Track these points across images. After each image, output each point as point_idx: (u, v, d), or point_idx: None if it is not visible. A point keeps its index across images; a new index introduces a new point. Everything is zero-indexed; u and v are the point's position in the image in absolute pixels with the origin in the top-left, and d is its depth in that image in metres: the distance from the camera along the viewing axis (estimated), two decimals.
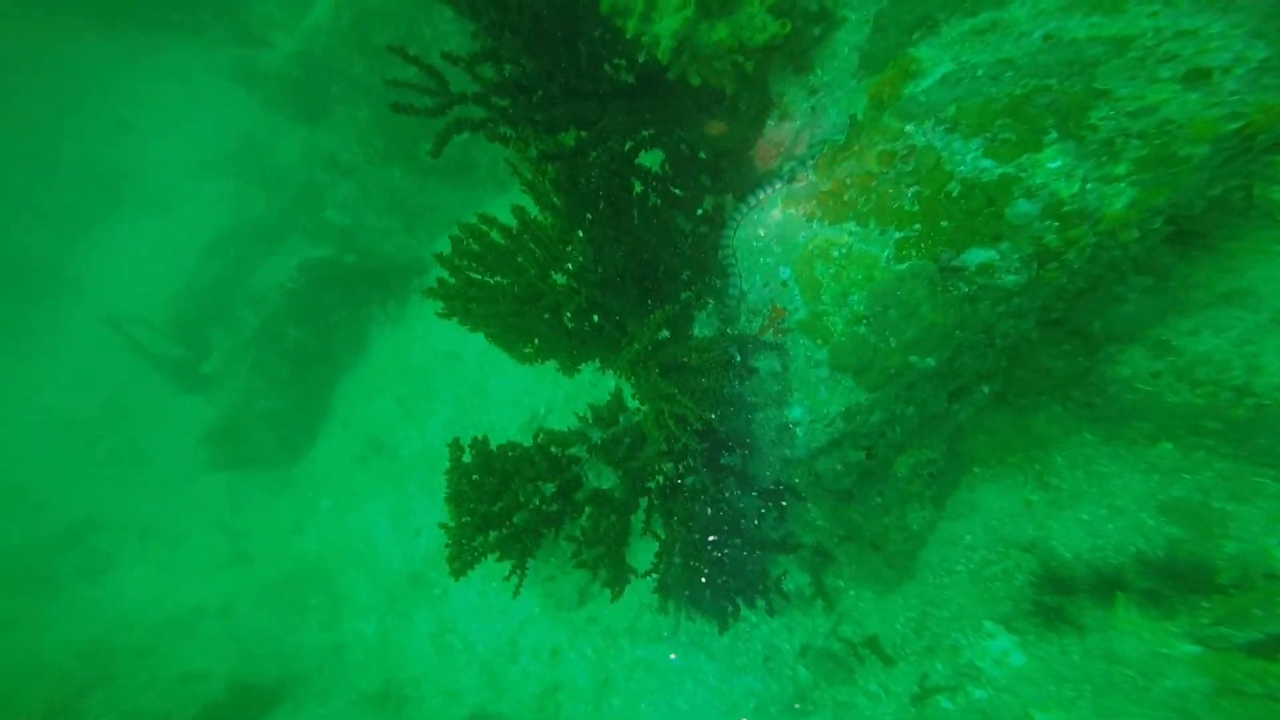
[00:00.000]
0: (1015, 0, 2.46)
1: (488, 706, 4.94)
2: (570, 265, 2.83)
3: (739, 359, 2.83)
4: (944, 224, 2.21)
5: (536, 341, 3.02)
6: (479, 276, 2.78)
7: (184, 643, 7.60)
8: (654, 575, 2.82)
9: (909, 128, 2.37)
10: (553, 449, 2.63)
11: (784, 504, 2.77)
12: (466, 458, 2.50)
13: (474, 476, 2.43)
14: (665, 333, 3.21)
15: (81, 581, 9.46)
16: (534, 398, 6.08)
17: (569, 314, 2.90)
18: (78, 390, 13.07)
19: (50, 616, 9.05)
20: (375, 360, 8.56)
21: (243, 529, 8.47)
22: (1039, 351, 2.66)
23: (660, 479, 2.70)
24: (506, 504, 2.45)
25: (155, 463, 10.61)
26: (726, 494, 2.77)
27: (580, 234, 2.88)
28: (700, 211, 3.45)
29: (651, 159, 3.44)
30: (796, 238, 2.65)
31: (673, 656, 4.12)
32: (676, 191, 3.47)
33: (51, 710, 7.44)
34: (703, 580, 2.91)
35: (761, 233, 2.84)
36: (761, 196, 2.90)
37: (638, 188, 3.27)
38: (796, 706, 3.38)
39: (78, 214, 15.96)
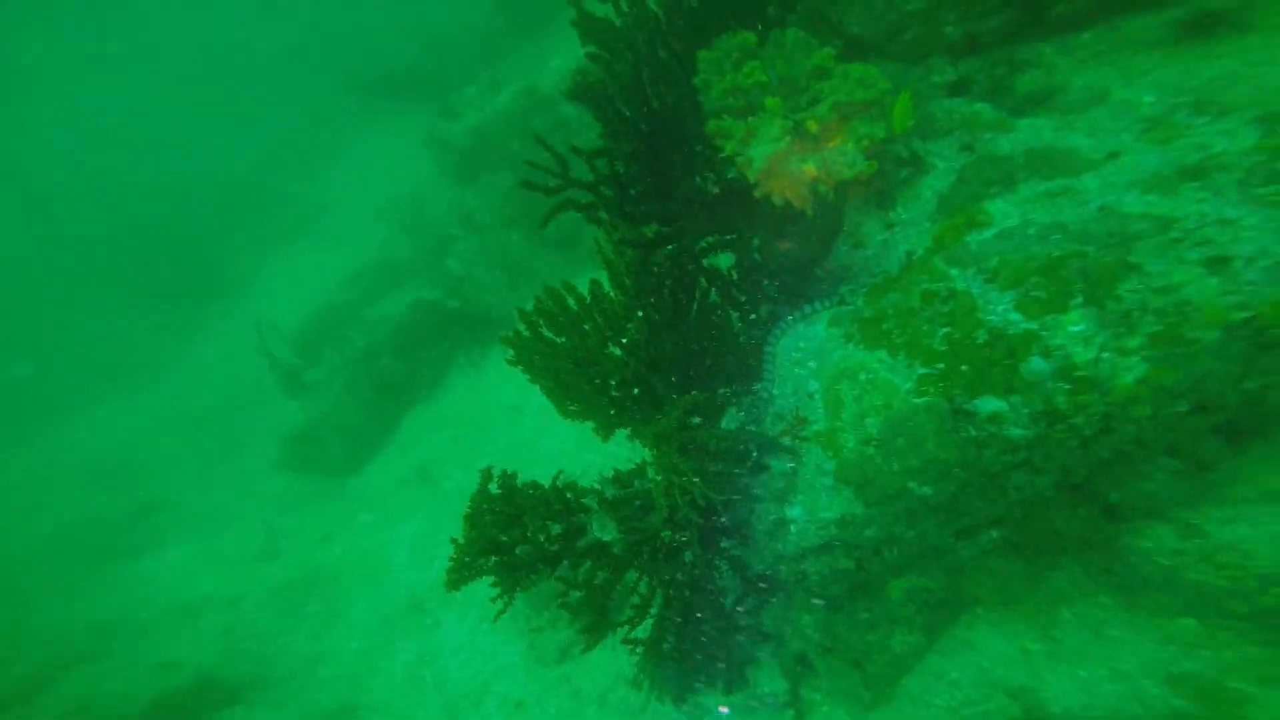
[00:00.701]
0: (1091, 171, 2.72)
1: None
2: (626, 340, 3.21)
3: (755, 455, 3.00)
4: (964, 368, 2.37)
5: (582, 402, 3.37)
6: (549, 334, 3.22)
7: (179, 629, 7.96)
8: (628, 628, 2.91)
9: (954, 271, 2.61)
10: (568, 495, 2.87)
11: (764, 589, 2.82)
12: (493, 486, 2.80)
13: (494, 504, 2.71)
14: (696, 419, 3.46)
15: (128, 557, 10.26)
16: (576, 461, 6.35)
17: (614, 382, 3.24)
18: (211, 382, 14.98)
19: (88, 586, 9.81)
20: (447, 398, 9.27)
21: (282, 529, 9.03)
22: (1054, 510, 2.65)
23: (657, 544, 2.85)
24: (514, 534, 2.69)
25: (240, 456, 11.62)
26: (715, 572, 2.86)
27: (640, 314, 3.27)
28: (754, 316, 3.78)
29: (724, 261, 3.87)
30: (831, 356, 2.88)
31: None
32: (739, 295, 3.83)
33: (30, 681, 7.74)
34: (675, 651, 2.94)
35: (802, 345, 3.10)
36: (809, 312, 3.19)
37: (703, 284, 3.68)
38: None
39: (275, 238, 18.95)
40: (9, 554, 11.60)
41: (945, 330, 2.48)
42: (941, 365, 2.44)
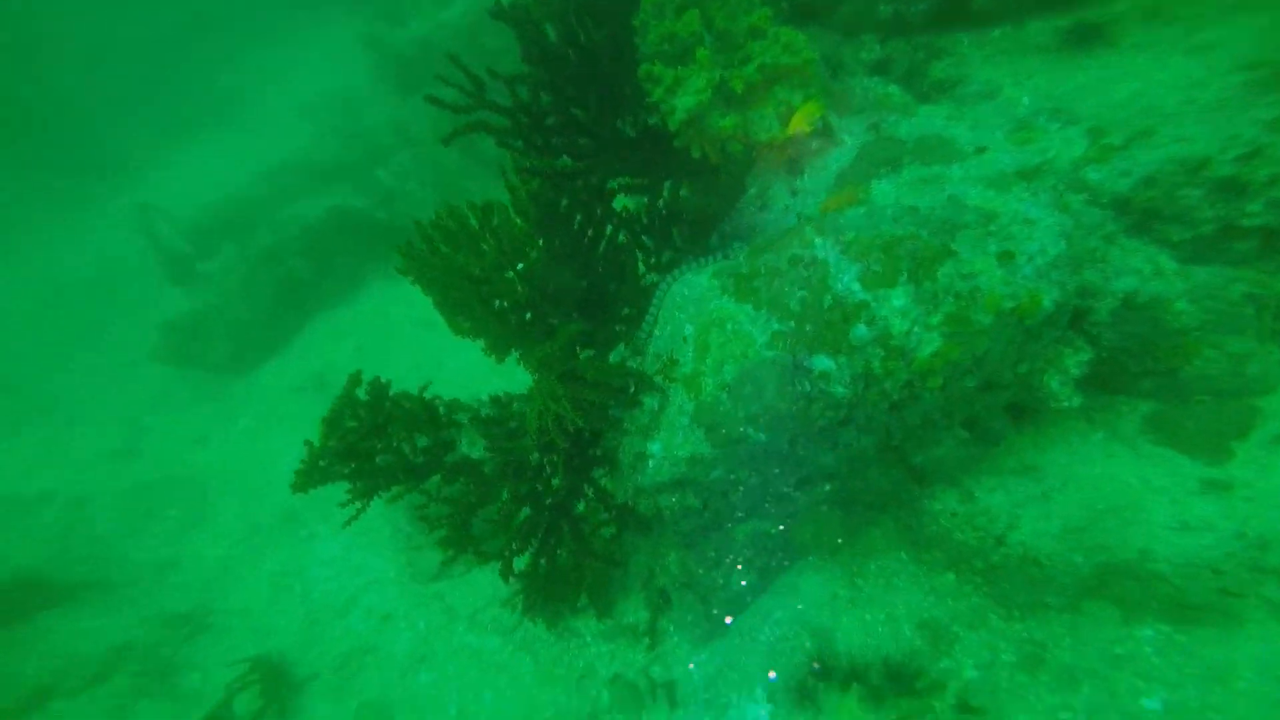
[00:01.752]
0: (959, 162, 3.03)
1: (286, 651, 5.03)
2: (523, 266, 3.38)
3: (633, 389, 3.30)
4: (808, 328, 2.70)
5: (474, 320, 3.54)
6: (445, 249, 3.34)
7: (6, 526, 7.54)
8: (496, 554, 3.21)
9: (818, 241, 2.89)
10: (440, 409, 3.08)
11: (624, 520, 3.18)
12: (360, 392, 2.96)
13: (358, 410, 2.88)
14: (588, 353, 3.71)
15: None
16: (483, 384, 6.50)
17: (507, 304, 3.42)
18: (83, 261, 13.85)
19: None
20: (356, 308, 9.06)
21: (149, 426, 8.67)
22: (873, 468, 3.10)
23: (524, 465, 3.13)
24: (377, 443, 2.89)
25: (106, 342, 10.99)
26: (580, 498, 3.18)
27: (540, 243, 3.44)
28: (656, 261, 4.02)
29: (638, 205, 4.05)
30: (708, 304, 3.15)
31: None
32: (646, 239, 4.04)
33: None
34: (546, 573, 3.28)
35: (687, 292, 3.36)
36: (701, 263, 3.45)
37: (610, 224, 3.86)
38: None
39: (180, 124, 17.40)
40: None
41: (802, 293, 2.78)
42: (792, 323, 2.74)
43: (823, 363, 2.61)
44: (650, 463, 3.03)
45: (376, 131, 11.76)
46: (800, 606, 3.50)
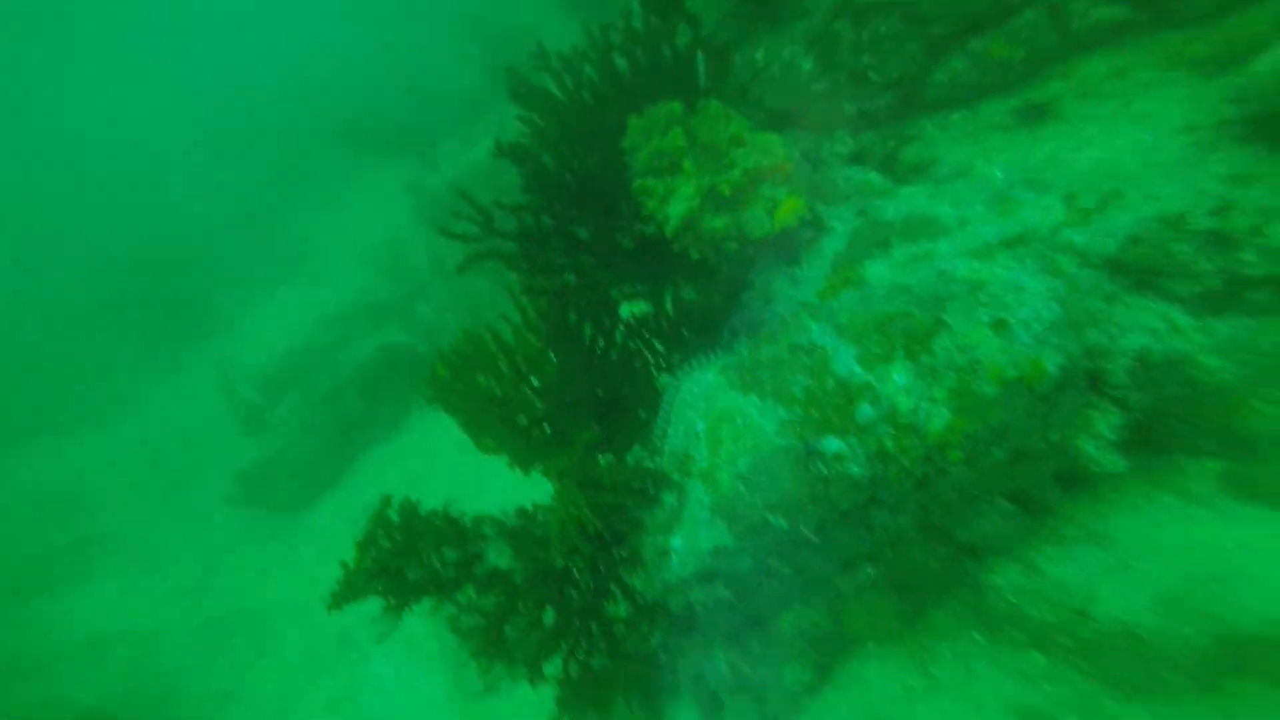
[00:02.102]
0: (946, 236, 3.09)
1: None
2: (537, 381, 3.51)
3: (652, 490, 3.26)
4: (814, 413, 2.67)
5: (498, 439, 3.63)
6: (466, 373, 3.51)
7: (79, 667, 7.79)
8: (528, 653, 3.07)
9: (814, 326, 2.94)
10: (467, 523, 3.10)
11: (655, 618, 3.02)
12: (392, 513, 3.03)
13: (390, 530, 2.93)
14: (608, 458, 3.72)
15: (45, 593, 10.12)
16: (525, 500, 6.52)
17: (526, 421, 3.51)
18: (175, 420, 15.08)
19: (7, 619, 9.74)
20: (404, 438, 9.45)
21: (220, 564, 9.03)
22: (916, 547, 2.90)
23: (550, 571, 3.06)
24: (407, 559, 2.90)
25: (189, 492, 11.67)
26: (609, 599, 3.06)
27: (553, 357, 3.57)
28: (666, 362, 4.09)
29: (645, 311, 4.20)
30: (717, 400, 3.17)
31: None
32: (656, 343, 4.15)
33: None
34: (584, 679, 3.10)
35: (696, 390, 3.39)
36: (706, 360, 3.50)
37: (621, 332, 4.00)
38: None
39: (262, 279, 19.39)
40: None
41: (805, 380, 2.78)
42: (799, 410, 2.72)
43: (833, 444, 2.55)
44: (674, 557, 2.94)
45: (418, 271, 12.76)
46: (870, 699, 3.18)
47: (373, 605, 3.13)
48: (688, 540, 2.91)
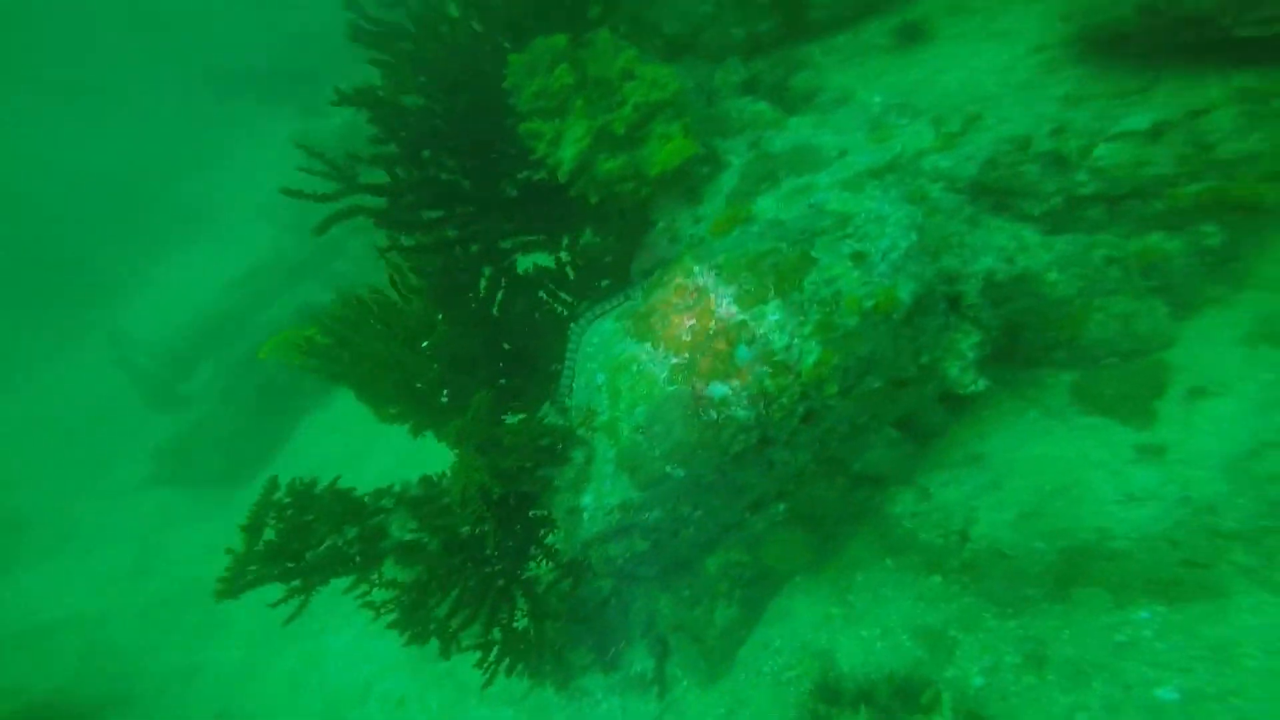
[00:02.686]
0: (826, 168, 2.97)
1: None
2: (427, 344, 3.28)
3: (561, 448, 3.17)
4: (700, 357, 2.59)
5: (397, 404, 3.42)
6: (353, 338, 3.24)
7: (26, 655, 7.53)
8: (448, 630, 3.03)
9: (697, 268, 2.82)
10: (362, 497, 2.95)
11: (576, 577, 3.02)
12: (280, 495, 2.83)
13: (281, 511, 2.75)
14: (517, 416, 3.58)
15: None
16: None
17: (420, 384, 3.31)
18: (80, 393, 13.85)
19: None
20: (339, 403, 9.03)
21: (158, 544, 8.58)
22: (816, 481, 2.96)
23: (456, 538, 2.99)
24: (306, 540, 2.75)
25: (109, 470, 10.89)
26: (529, 560, 3.03)
27: (440, 318, 3.34)
28: (574, 312, 3.91)
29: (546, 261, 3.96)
30: (614, 349, 3.04)
31: None
32: (563, 294, 3.95)
33: None
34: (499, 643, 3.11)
35: (595, 340, 3.26)
36: (606, 308, 3.36)
37: (513, 284, 3.75)
38: None
39: (152, 242, 17.64)
40: None
41: (690, 323, 2.69)
42: (687, 355, 2.63)
43: (718, 389, 2.49)
44: (585, 515, 2.89)
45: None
46: (797, 630, 3.29)
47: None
48: (596, 497, 2.86)
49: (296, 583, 2.72)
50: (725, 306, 2.53)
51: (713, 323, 2.57)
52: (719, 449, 2.60)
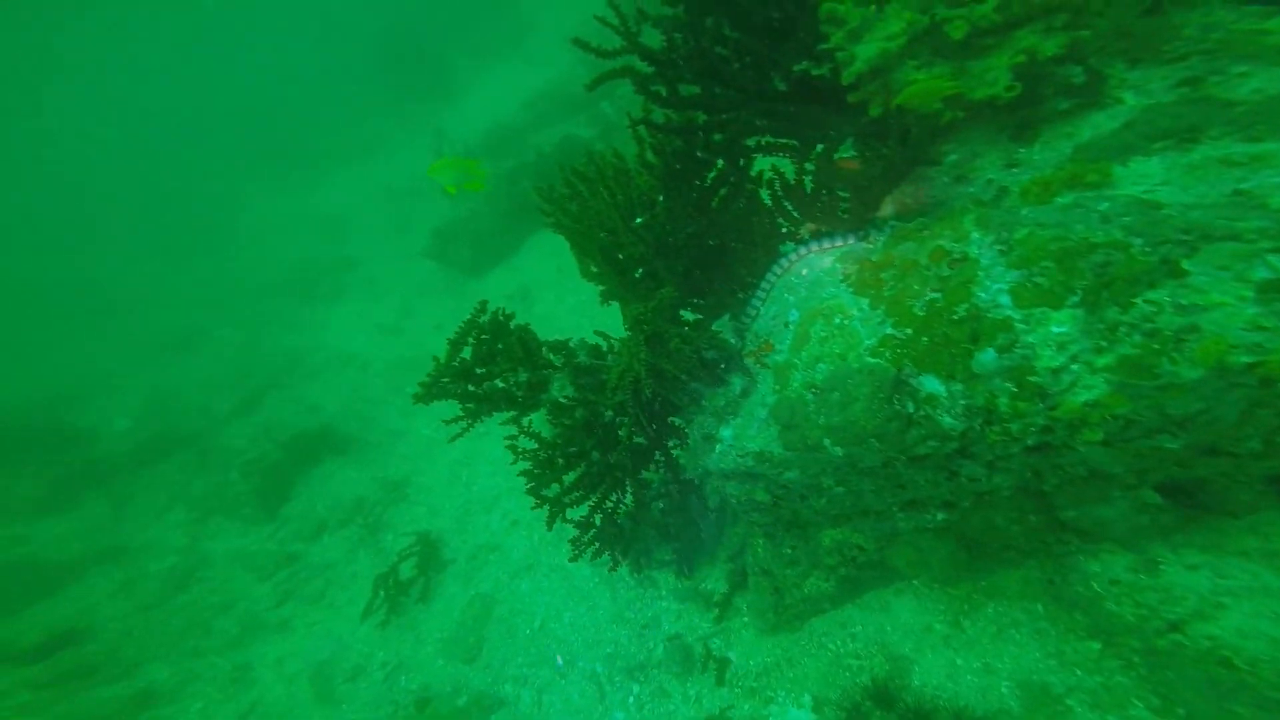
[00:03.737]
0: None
1: (443, 534, 5.69)
2: (640, 220, 3.05)
3: (723, 369, 2.86)
4: (925, 339, 1.99)
5: (599, 267, 3.34)
6: (583, 196, 3.14)
7: (331, 379, 9.50)
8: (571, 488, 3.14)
9: (975, 234, 2.09)
10: (544, 349, 3.00)
11: (684, 497, 2.86)
12: (484, 318, 2.99)
13: (479, 334, 2.91)
14: (693, 318, 3.29)
15: (320, 302, 12.47)
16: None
17: (622, 256, 3.15)
18: (404, 165, 16.63)
19: (293, 320, 12.33)
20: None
21: (414, 309, 10.19)
22: (999, 509, 2.29)
23: (598, 418, 2.95)
24: (488, 369, 2.91)
25: (407, 235, 13.07)
26: (650, 464, 2.92)
27: (661, 199, 3.04)
28: (796, 230, 3.32)
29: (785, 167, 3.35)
30: (821, 290, 2.53)
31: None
32: (789, 206, 3.36)
33: (250, 398, 10.11)
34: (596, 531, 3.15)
35: (804, 272, 2.75)
36: (827, 245, 2.76)
37: (748, 185, 3.25)
38: (635, 671, 3.57)
39: (490, 51, 19.31)
40: (260, 280, 14.83)
41: (934, 295, 2.06)
42: (909, 331, 2.06)
43: (932, 384, 1.92)
44: (718, 446, 2.64)
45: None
46: (885, 628, 2.95)
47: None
48: (736, 435, 2.57)
49: (471, 405, 2.92)
50: (993, 293, 1.86)
51: (964, 306, 1.93)
52: (899, 446, 2.08)
